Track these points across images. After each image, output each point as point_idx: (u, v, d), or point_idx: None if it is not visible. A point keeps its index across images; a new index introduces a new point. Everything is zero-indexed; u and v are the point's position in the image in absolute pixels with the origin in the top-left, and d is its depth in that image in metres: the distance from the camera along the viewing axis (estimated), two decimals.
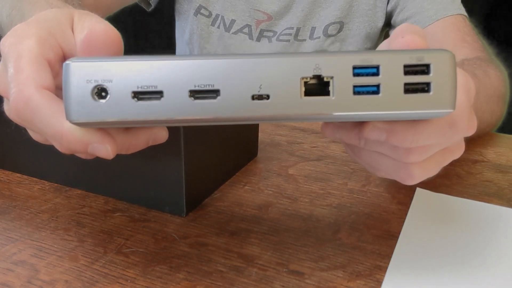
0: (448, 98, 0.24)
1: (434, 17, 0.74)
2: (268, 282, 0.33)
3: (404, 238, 0.38)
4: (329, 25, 0.81)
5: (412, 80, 0.24)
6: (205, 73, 0.23)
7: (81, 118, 0.24)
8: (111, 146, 0.26)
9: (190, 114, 0.24)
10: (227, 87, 0.23)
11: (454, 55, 0.24)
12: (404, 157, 0.29)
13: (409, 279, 0.33)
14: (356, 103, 0.24)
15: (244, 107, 0.24)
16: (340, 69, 0.24)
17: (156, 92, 0.23)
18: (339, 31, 0.82)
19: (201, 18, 0.86)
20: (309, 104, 0.24)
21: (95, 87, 0.24)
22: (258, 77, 0.23)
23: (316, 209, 0.42)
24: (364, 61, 0.23)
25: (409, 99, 0.24)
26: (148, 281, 0.33)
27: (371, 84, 0.24)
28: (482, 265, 0.35)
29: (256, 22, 0.83)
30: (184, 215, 0.40)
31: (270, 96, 0.24)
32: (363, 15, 0.81)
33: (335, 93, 0.24)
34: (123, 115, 0.24)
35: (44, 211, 0.41)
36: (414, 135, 0.27)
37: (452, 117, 0.27)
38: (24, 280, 0.33)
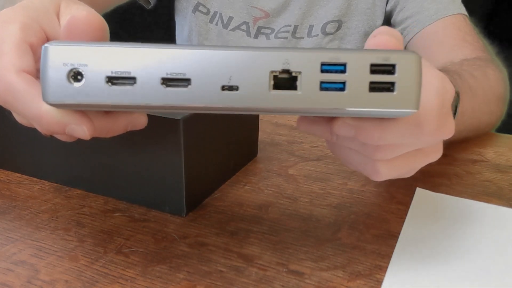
0: (411, 98, 0.25)
1: (434, 16, 0.73)
2: (268, 282, 0.33)
3: (404, 238, 0.38)
4: (327, 23, 0.81)
5: (378, 79, 0.24)
6: (177, 62, 0.24)
7: (57, 99, 0.25)
8: (88, 127, 0.27)
9: (161, 101, 0.24)
10: (198, 77, 0.24)
11: (421, 57, 0.25)
12: (372, 153, 0.30)
13: (409, 279, 0.33)
14: (322, 99, 0.24)
15: (214, 97, 0.24)
16: (309, 65, 0.24)
17: (129, 78, 0.24)
18: (338, 30, 0.82)
19: (199, 15, 0.86)
20: (277, 98, 0.24)
21: (71, 70, 0.24)
22: (229, 68, 0.24)
23: (316, 209, 0.42)
24: (332, 58, 0.24)
25: (374, 97, 0.24)
26: (148, 281, 0.33)
27: (338, 81, 0.24)
28: (482, 265, 0.35)
29: (253, 19, 0.83)
30: (184, 215, 0.40)
31: (239, 88, 0.24)
32: (362, 14, 0.81)
33: (302, 87, 0.24)
34: (97, 99, 0.25)
35: (44, 211, 0.41)
36: (381, 133, 0.28)
37: (419, 118, 0.28)
38: (24, 280, 0.33)
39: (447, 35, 0.72)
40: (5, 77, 0.27)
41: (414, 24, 0.75)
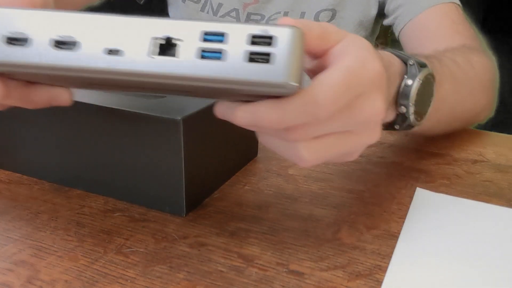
0: (287, 70, 0.25)
1: (425, 5, 0.72)
2: (268, 282, 0.33)
3: (404, 238, 0.38)
4: (320, 12, 0.80)
5: (255, 50, 0.25)
6: (67, 26, 0.26)
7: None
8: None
9: (51, 61, 0.26)
10: (86, 39, 0.25)
11: (302, 31, 0.25)
12: (286, 136, 0.29)
13: (409, 279, 0.33)
14: (201, 66, 0.25)
15: (99, 60, 0.25)
16: (190, 34, 0.25)
17: (23, 40, 0.26)
18: (331, 19, 0.80)
19: (190, 4, 0.86)
20: (157, 63, 0.25)
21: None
22: (114, 33, 0.25)
23: (316, 209, 0.42)
24: (214, 27, 0.25)
25: (251, 67, 0.25)
26: (148, 281, 0.33)
27: (216, 50, 0.25)
28: (482, 265, 0.35)
29: (243, 5, 0.82)
30: (184, 215, 0.40)
31: (123, 53, 0.25)
32: (356, 3, 0.79)
33: (182, 55, 0.25)
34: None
35: (44, 211, 0.41)
36: (278, 114, 0.27)
37: (313, 94, 0.27)
38: (24, 280, 0.33)
39: (440, 26, 0.71)
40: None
41: (405, 13, 0.74)
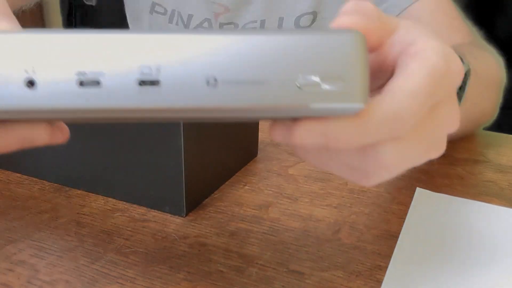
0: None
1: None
2: (268, 282, 0.33)
3: (404, 238, 0.38)
4: (301, 16, 0.76)
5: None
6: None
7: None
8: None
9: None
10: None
11: (364, 37, 0.21)
12: (357, 155, 0.24)
13: (409, 279, 0.33)
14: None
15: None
16: None
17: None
18: (313, 22, 0.77)
19: (158, 16, 0.81)
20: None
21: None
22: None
23: (316, 209, 0.42)
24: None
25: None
26: (148, 281, 0.33)
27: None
28: (482, 265, 0.35)
29: (214, 15, 0.78)
30: (184, 215, 0.40)
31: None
32: (337, 1, 0.75)
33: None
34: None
35: (44, 211, 0.41)
36: (357, 132, 0.22)
37: (398, 108, 0.22)
38: (24, 280, 0.33)
39: (433, 21, 0.66)
40: None
41: (391, 8, 0.68)
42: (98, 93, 0.20)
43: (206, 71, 0.20)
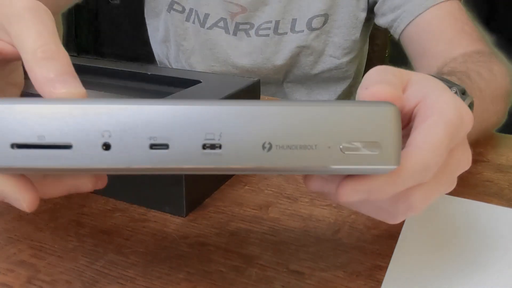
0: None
1: (424, 4, 0.69)
2: (268, 282, 0.33)
3: (404, 238, 0.38)
4: (313, 18, 0.78)
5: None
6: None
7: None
8: (27, 202, 0.25)
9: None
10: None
11: (398, 109, 0.24)
12: (389, 202, 0.28)
13: (409, 279, 0.33)
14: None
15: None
16: None
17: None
18: (324, 23, 0.78)
19: (175, 14, 0.83)
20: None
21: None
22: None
23: (316, 209, 0.42)
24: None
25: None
26: (148, 281, 0.33)
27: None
28: (482, 265, 0.35)
29: (230, 14, 0.80)
30: (184, 215, 0.40)
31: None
32: (347, 5, 0.78)
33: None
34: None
35: (44, 211, 0.41)
36: (394, 187, 0.26)
37: (425, 160, 0.26)
38: (24, 280, 0.33)
39: (444, 26, 0.67)
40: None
41: (404, 14, 0.71)
42: (166, 154, 0.23)
43: (262, 137, 0.23)
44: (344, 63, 0.83)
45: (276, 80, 0.84)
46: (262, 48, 0.81)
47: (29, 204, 0.25)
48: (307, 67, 0.82)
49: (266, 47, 0.81)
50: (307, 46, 0.80)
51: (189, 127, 0.23)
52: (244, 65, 0.82)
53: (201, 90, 0.46)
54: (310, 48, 0.80)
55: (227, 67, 0.83)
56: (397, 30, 0.73)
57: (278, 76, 0.84)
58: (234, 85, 0.47)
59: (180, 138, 0.23)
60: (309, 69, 0.82)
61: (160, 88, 0.51)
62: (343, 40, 0.81)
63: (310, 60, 0.82)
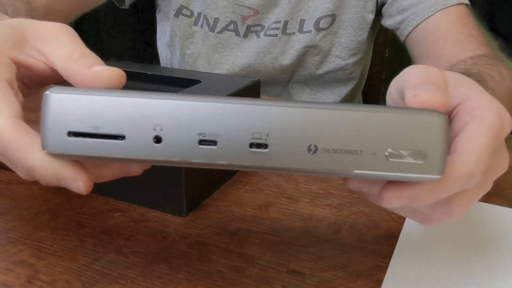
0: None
1: (433, 8, 0.70)
2: (268, 282, 0.33)
3: (404, 238, 0.38)
4: (321, 19, 0.78)
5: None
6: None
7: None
8: (84, 183, 0.26)
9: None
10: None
11: (447, 118, 0.24)
12: (433, 207, 0.29)
13: (409, 279, 0.33)
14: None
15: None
16: None
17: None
18: (331, 24, 0.79)
19: (183, 18, 0.83)
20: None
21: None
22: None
23: (316, 209, 0.42)
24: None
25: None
26: (148, 281, 0.33)
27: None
28: (482, 265, 0.35)
29: (242, 18, 0.80)
30: (184, 215, 0.40)
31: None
32: (355, 5, 0.78)
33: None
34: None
35: (44, 211, 0.41)
36: (437, 194, 0.26)
37: (469, 169, 0.26)
38: (24, 280, 0.33)
39: (451, 30, 0.68)
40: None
41: (413, 16, 0.72)
42: (214, 150, 0.24)
43: (308, 140, 0.24)
44: (350, 64, 0.83)
45: (282, 80, 0.84)
46: (270, 48, 0.81)
47: (86, 185, 0.26)
48: (313, 67, 0.82)
49: (273, 47, 0.81)
50: (314, 45, 0.80)
51: (237, 125, 0.24)
52: (251, 65, 0.82)
53: (201, 90, 0.46)
54: (316, 47, 0.80)
55: (234, 69, 0.83)
56: (404, 32, 0.74)
57: (284, 76, 0.84)
58: (234, 85, 0.47)
59: (228, 136, 0.24)
60: (314, 69, 0.82)
61: (160, 88, 0.51)
62: (350, 41, 0.81)
63: (316, 60, 0.82)
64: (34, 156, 0.26)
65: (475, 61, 0.59)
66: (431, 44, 0.71)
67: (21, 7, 0.57)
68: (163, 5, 0.87)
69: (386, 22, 0.78)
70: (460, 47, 0.66)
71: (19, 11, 0.55)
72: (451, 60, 0.64)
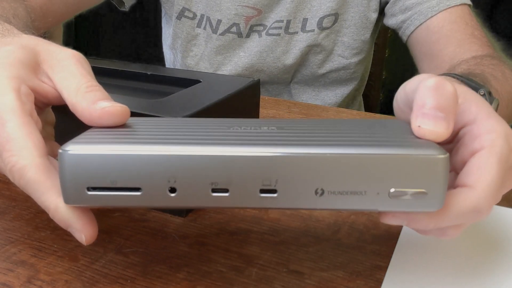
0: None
1: (436, 7, 0.70)
2: (268, 282, 0.33)
3: (404, 238, 0.38)
4: (324, 18, 0.78)
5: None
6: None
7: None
8: (87, 237, 0.28)
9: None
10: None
11: (448, 156, 0.25)
12: (437, 231, 0.30)
13: (409, 279, 0.33)
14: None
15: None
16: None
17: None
18: (334, 23, 0.79)
19: (186, 21, 0.83)
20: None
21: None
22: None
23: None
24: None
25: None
26: (148, 281, 0.33)
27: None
28: (482, 265, 0.35)
29: (245, 18, 0.80)
30: (184, 215, 0.40)
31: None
32: (358, 4, 0.78)
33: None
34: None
35: (44, 211, 0.40)
36: (436, 223, 0.27)
37: (476, 203, 0.26)
38: (24, 280, 0.33)
39: (454, 29, 0.68)
40: (18, 165, 0.28)
41: (415, 16, 0.72)
42: (226, 197, 0.25)
43: (315, 184, 0.25)
44: (352, 63, 0.83)
45: (284, 80, 0.84)
46: (273, 47, 0.81)
47: (88, 239, 0.28)
48: (315, 66, 0.82)
49: (276, 46, 0.81)
50: (316, 44, 0.80)
51: (247, 174, 0.25)
52: (253, 65, 0.82)
53: (201, 90, 0.46)
54: (319, 46, 0.80)
55: (236, 69, 0.82)
56: (406, 31, 0.74)
57: (287, 76, 0.84)
58: (234, 85, 0.47)
59: (239, 184, 0.25)
60: (317, 68, 0.82)
61: (160, 88, 0.51)
62: (353, 40, 0.81)
63: (319, 59, 0.81)
64: (51, 200, 0.28)
65: (478, 61, 0.59)
66: (433, 43, 0.70)
67: (21, 10, 0.57)
68: (167, 8, 0.87)
69: (388, 21, 0.78)
70: (463, 47, 0.66)
71: (19, 14, 0.55)
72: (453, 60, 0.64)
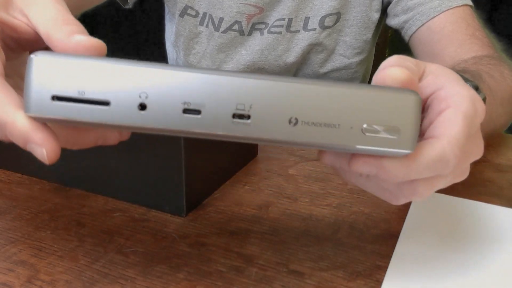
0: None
1: (438, 8, 0.70)
2: (268, 282, 0.33)
3: (404, 238, 0.38)
4: (326, 17, 0.79)
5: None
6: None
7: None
8: (48, 152, 0.25)
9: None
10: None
11: (420, 98, 0.25)
12: (403, 185, 0.29)
13: (409, 279, 0.33)
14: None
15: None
16: None
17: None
18: (336, 22, 0.79)
19: (188, 18, 0.83)
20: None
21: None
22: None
23: (316, 209, 0.42)
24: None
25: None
26: (148, 281, 0.33)
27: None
28: (482, 265, 0.35)
29: (247, 16, 0.80)
30: (184, 215, 0.40)
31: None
32: (360, 4, 0.78)
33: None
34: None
35: (44, 211, 0.41)
36: (405, 170, 0.27)
37: (443, 153, 0.27)
38: (24, 280, 0.33)
39: (456, 30, 0.69)
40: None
41: (417, 17, 0.72)
42: (197, 120, 0.24)
43: (289, 112, 0.25)
44: (354, 63, 0.83)
45: None
46: (274, 45, 0.81)
47: (50, 155, 0.26)
48: (317, 65, 0.82)
49: (278, 45, 0.81)
50: (318, 43, 0.80)
51: (221, 96, 0.24)
52: (255, 63, 0.82)
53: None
54: (321, 45, 0.80)
55: (238, 67, 0.83)
56: (408, 31, 0.74)
57: (288, 74, 0.84)
58: None
59: (212, 106, 0.24)
60: (318, 67, 0.82)
61: None
62: (354, 40, 0.81)
63: (321, 58, 0.82)
64: (10, 112, 0.26)
65: (476, 61, 0.59)
66: (435, 44, 0.71)
67: None
68: (170, 6, 0.87)
69: (390, 21, 0.78)
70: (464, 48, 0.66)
71: None
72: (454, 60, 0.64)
